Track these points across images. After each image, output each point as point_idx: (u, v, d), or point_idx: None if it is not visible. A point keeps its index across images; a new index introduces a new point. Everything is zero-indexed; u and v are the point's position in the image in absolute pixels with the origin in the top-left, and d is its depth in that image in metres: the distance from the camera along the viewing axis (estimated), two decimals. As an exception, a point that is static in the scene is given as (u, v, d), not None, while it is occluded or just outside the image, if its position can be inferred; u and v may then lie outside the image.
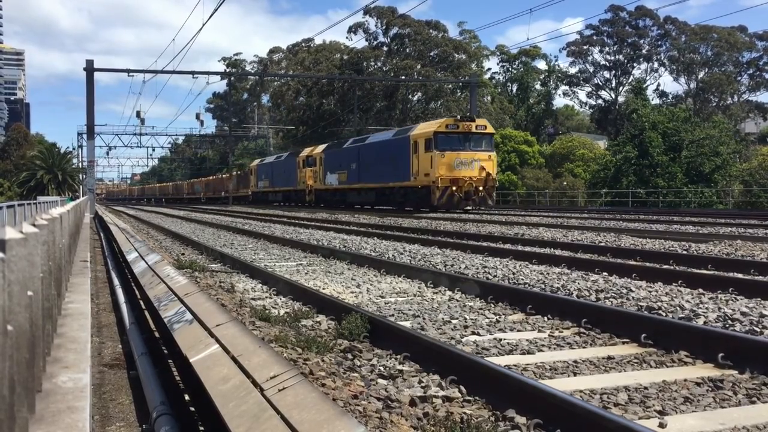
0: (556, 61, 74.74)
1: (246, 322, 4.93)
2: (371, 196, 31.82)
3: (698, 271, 8.09)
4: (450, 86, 60.19)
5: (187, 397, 4.23)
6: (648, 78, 65.85)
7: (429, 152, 26.06)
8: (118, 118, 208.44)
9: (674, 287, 6.84)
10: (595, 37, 66.63)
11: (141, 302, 7.64)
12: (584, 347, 4.61)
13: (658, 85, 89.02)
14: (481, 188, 25.75)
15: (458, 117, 27.06)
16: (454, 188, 25.48)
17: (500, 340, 4.76)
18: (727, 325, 5.00)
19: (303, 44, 72.58)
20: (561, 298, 5.91)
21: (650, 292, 6.46)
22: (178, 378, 4.66)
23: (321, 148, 39.09)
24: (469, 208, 26.39)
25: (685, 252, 10.22)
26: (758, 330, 4.81)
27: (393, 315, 5.68)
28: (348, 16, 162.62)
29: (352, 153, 33.54)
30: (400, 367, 4.01)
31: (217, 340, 3.77)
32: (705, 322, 5.10)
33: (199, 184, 75.60)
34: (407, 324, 5.17)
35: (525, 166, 51.67)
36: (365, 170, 31.96)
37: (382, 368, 3.96)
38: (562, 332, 5.04)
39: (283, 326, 4.99)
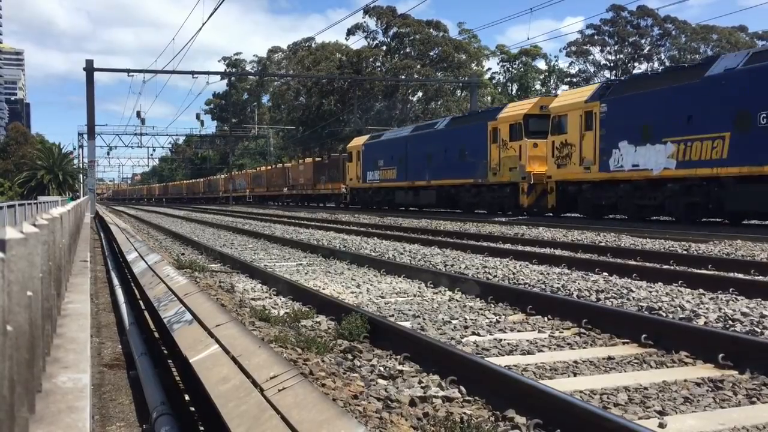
0: (557, 60, 74.65)
1: (246, 322, 4.93)
2: None
3: (698, 271, 8.09)
4: (450, 86, 60.18)
5: (187, 398, 4.23)
6: (648, 78, 65.74)
7: None
8: (118, 118, 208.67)
9: (675, 287, 6.84)
10: (596, 37, 66.59)
11: (141, 302, 7.63)
12: (584, 347, 4.61)
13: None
14: None
15: None
16: None
17: (500, 340, 4.76)
18: (727, 326, 5.00)
19: (303, 43, 72.60)
20: (561, 299, 5.91)
21: (651, 292, 6.46)
22: (177, 378, 4.66)
23: (581, 95, 19.31)
24: None
25: (685, 252, 10.22)
26: (759, 330, 4.81)
27: (393, 315, 5.68)
28: (347, 15, 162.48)
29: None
30: (400, 367, 4.02)
31: (217, 341, 3.77)
32: (705, 323, 5.10)
33: (242, 177, 60.50)
34: (407, 324, 5.18)
35: None
36: None
37: (382, 368, 3.96)
38: (562, 332, 5.04)
39: (283, 326, 4.99)
